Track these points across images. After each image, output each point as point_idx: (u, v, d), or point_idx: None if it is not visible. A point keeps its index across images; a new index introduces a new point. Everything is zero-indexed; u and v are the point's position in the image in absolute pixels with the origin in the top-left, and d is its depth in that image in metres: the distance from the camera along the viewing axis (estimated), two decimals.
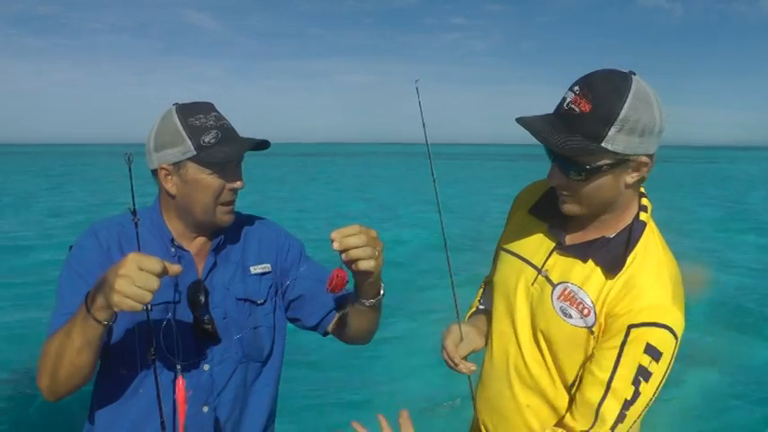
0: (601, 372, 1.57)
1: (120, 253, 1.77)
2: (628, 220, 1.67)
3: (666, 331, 1.53)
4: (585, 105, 1.50)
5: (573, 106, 1.51)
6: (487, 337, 1.92)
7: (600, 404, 1.57)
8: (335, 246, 1.53)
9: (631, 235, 1.64)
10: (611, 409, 1.56)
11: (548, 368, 1.73)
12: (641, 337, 1.53)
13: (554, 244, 1.74)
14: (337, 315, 1.97)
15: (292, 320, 2.03)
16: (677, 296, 1.59)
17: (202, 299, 1.68)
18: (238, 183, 1.80)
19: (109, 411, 1.78)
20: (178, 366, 1.74)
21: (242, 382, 1.87)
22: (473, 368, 1.87)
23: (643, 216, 1.67)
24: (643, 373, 1.54)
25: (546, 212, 1.78)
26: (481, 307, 2.04)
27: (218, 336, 1.74)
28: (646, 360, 1.53)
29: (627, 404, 1.55)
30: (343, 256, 1.55)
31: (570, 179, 1.58)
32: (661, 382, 1.57)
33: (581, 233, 1.71)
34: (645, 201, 1.70)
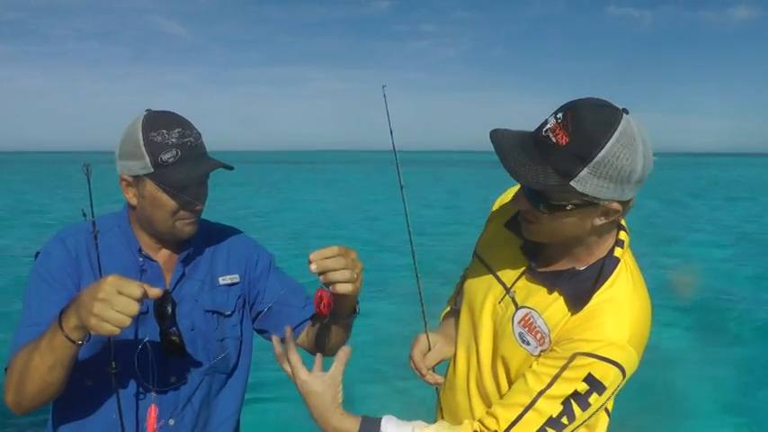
0: (535, 382, 1.53)
1: (89, 261, 1.74)
2: (601, 253, 1.59)
3: (614, 367, 1.48)
4: (563, 137, 1.41)
5: (550, 134, 1.42)
6: (455, 344, 1.89)
7: (522, 413, 1.52)
8: (313, 268, 1.51)
9: (602, 271, 1.56)
10: (532, 421, 1.51)
11: (500, 390, 1.69)
12: (585, 366, 1.48)
13: (525, 265, 1.69)
14: (306, 329, 1.95)
15: (260, 332, 2.01)
16: (635, 337, 1.52)
17: (170, 310, 1.64)
18: (197, 207, 1.76)
19: (73, 424, 1.75)
20: (153, 394, 1.73)
21: (207, 393, 1.85)
22: (440, 380, 1.84)
23: (618, 252, 1.59)
24: (577, 398, 1.49)
25: (521, 232, 1.68)
26: (456, 306, 1.99)
27: (185, 348, 1.71)
28: (583, 387, 1.48)
29: (551, 421, 1.50)
30: (321, 278, 1.53)
31: (536, 208, 1.52)
32: (596, 412, 1.53)
33: (552, 260, 1.64)
34: (622, 234, 1.63)
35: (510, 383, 1.66)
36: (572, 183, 1.41)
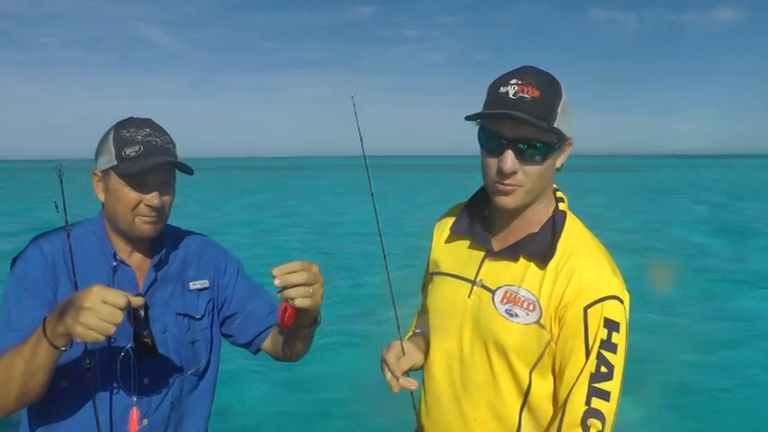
0: (574, 357, 1.60)
1: (65, 265, 1.78)
2: (549, 213, 1.74)
3: (616, 301, 1.60)
4: (533, 91, 1.59)
5: (522, 94, 1.59)
6: (427, 358, 1.88)
7: (573, 386, 1.59)
8: (277, 282, 1.57)
9: (555, 224, 1.72)
10: (580, 387, 1.58)
11: (494, 377, 1.71)
12: (597, 313, 1.59)
13: (483, 254, 1.77)
14: (271, 335, 2.01)
15: (225, 336, 2.06)
16: (614, 269, 1.67)
17: (142, 313, 1.68)
18: (153, 199, 1.79)
19: (49, 426, 1.78)
20: (134, 398, 1.78)
21: (179, 395, 1.90)
22: (413, 387, 1.77)
23: (562, 206, 1.76)
24: (606, 346, 1.58)
25: (467, 228, 1.82)
26: (417, 331, 2.01)
27: (157, 350, 1.76)
28: (605, 333, 1.58)
29: (594, 377, 1.57)
30: (283, 292, 1.59)
31: (525, 163, 1.62)
32: (625, 351, 1.61)
33: (507, 237, 1.75)
34: (560, 194, 1.79)
35: (507, 364, 1.69)
36: (555, 124, 1.61)
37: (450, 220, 1.92)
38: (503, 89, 1.61)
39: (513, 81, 1.61)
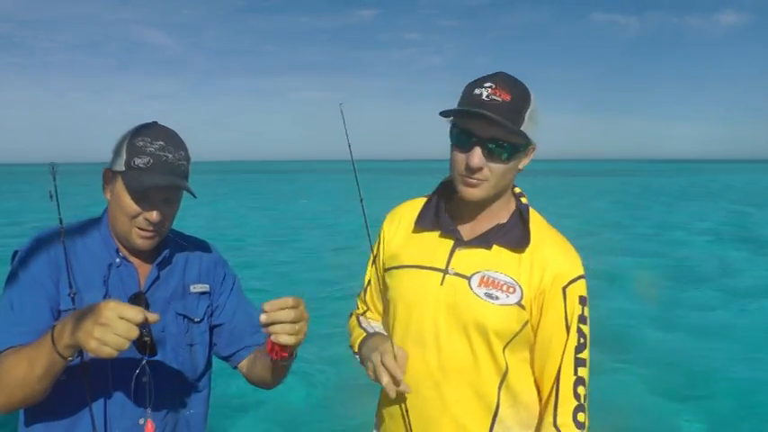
0: (558, 336, 1.79)
1: (66, 261, 1.76)
2: (512, 206, 1.89)
3: (583, 280, 1.82)
4: (505, 95, 1.69)
5: (494, 97, 1.69)
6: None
7: (560, 362, 1.79)
8: (263, 318, 1.56)
9: (522, 216, 1.86)
10: (568, 362, 1.78)
11: (475, 359, 1.78)
12: (574, 292, 1.79)
13: (451, 243, 1.84)
14: (250, 357, 2.01)
15: (210, 345, 2.04)
16: (575, 251, 1.86)
17: None
18: (153, 214, 1.78)
19: (46, 421, 1.78)
20: (148, 410, 1.78)
21: (176, 396, 1.89)
22: (409, 391, 1.80)
23: (524, 200, 1.91)
24: (582, 320, 1.79)
25: (432, 221, 1.91)
26: (373, 330, 2.01)
27: (156, 349, 1.73)
28: (580, 309, 1.79)
29: (577, 348, 1.79)
30: (268, 328, 1.58)
31: (491, 161, 1.73)
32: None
33: (475, 227, 1.86)
34: (517, 189, 1.93)
35: (486, 346, 1.78)
36: (522, 128, 1.71)
37: (404, 216, 1.99)
38: (477, 91, 1.71)
39: (488, 84, 1.71)
